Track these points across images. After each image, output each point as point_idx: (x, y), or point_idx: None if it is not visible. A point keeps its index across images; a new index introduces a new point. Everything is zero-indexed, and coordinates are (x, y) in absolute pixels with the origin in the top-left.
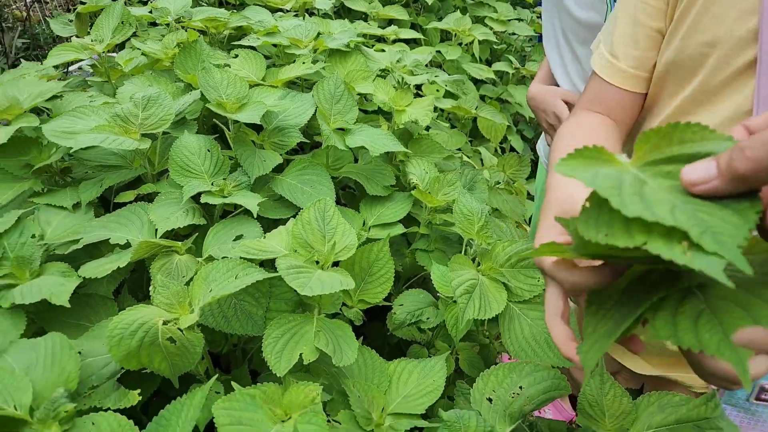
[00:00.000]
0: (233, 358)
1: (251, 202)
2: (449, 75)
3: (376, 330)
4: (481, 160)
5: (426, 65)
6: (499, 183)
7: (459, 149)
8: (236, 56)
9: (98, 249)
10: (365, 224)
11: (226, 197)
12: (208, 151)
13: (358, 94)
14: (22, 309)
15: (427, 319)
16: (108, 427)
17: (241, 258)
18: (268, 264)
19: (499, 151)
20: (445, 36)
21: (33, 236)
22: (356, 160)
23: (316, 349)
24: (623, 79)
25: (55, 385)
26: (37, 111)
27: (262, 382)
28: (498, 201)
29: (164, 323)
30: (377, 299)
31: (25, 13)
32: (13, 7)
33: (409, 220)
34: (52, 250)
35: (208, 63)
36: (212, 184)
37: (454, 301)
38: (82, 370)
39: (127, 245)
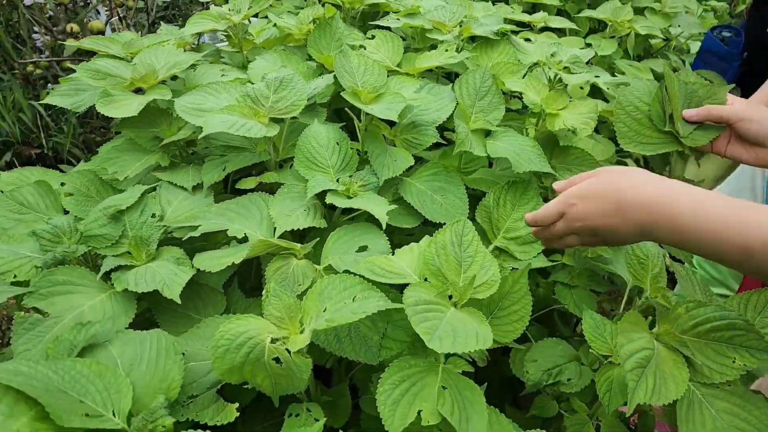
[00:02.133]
0: (335, 369)
1: (380, 210)
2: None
3: (487, 371)
4: None
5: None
6: None
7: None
8: (373, 37)
9: (213, 234)
10: (496, 236)
11: (351, 198)
12: (337, 143)
13: (503, 91)
14: (134, 293)
15: (568, 380)
16: None
17: (361, 276)
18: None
19: (641, 162)
20: (597, 26)
21: (153, 216)
22: (490, 164)
23: (438, 412)
24: None
25: (156, 392)
26: (169, 80)
27: (363, 408)
28: None
29: (272, 341)
30: (507, 339)
31: None
32: None
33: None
34: (169, 232)
35: (345, 45)
36: (338, 181)
37: (610, 362)
38: (183, 374)
39: (245, 239)
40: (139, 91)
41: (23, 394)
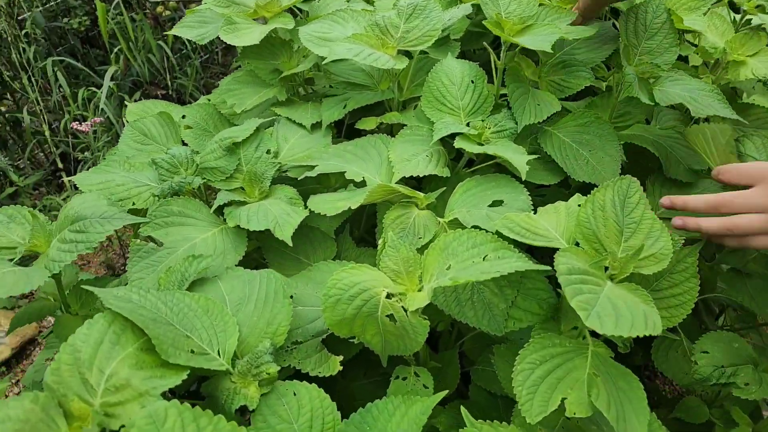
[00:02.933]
0: (444, 333)
1: (519, 159)
2: None
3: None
4: None
5: None
6: None
7: None
8: None
9: (327, 176)
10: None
11: (483, 145)
12: (472, 82)
13: (679, 30)
14: (245, 230)
15: (746, 385)
16: (309, 403)
17: (497, 233)
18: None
19: None
20: None
21: (268, 152)
22: (648, 122)
23: (589, 402)
24: None
25: (262, 335)
26: (292, 12)
27: (475, 381)
28: None
29: (388, 296)
30: (668, 323)
31: None
32: None
33: None
34: (284, 171)
35: None
36: (468, 125)
37: None
38: (290, 322)
39: (363, 183)
40: (261, 21)
41: (131, 322)
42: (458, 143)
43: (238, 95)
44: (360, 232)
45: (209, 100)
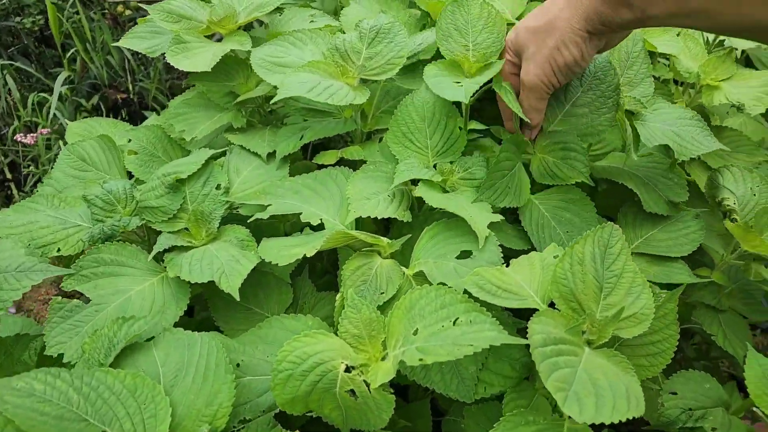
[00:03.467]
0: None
1: (480, 219)
2: None
3: None
4: None
5: None
6: None
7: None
8: None
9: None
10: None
11: (447, 192)
12: (444, 119)
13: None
14: None
15: (713, 430)
16: None
17: (466, 293)
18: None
19: None
20: None
21: (218, 187)
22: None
23: None
24: None
25: (200, 417)
26: (250, 27)
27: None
28: None
29: (347, 369)
30: (641, 376)
31: None
32: None
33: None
34: (236, 207)
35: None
36: (434, 167)
37: None
38: (236, 395)
39: (321, 227)
40: (216, 37)
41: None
42: (419, 191)
43: (188, 120)
44: (324, 264)
45: (165, 114)
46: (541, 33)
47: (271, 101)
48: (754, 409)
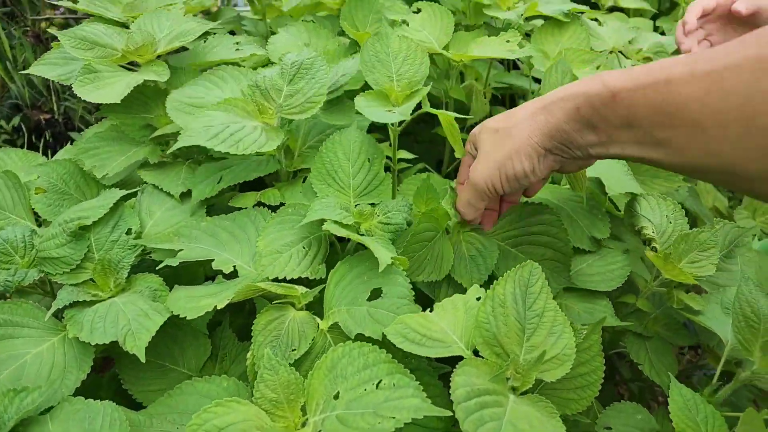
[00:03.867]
0: None
1: (383, 253)
2: None
3: None
4: None
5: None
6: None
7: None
8: (419, 11)
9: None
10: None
11: (363, 235)
12: (369, 160)
13: None
14: None
15: None
16: None
17: (391, 345)
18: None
19: None
20: (668, 6)
21: (128, 231)
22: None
23: None
24: None
25: None
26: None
27: None
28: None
29: None
30: (570, 410)
31: None
32: None
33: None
34: (148, 252)
35: (384, 24)
36: (355, 206)
37: None
38: None
39: (234, 274)
40: (134, 65)
41: None
42: (326, 226)
43: (101, 156)
44: (251, 305)
45: (77, 146)
46: (500, 136)
47: (168, 151)
48: None
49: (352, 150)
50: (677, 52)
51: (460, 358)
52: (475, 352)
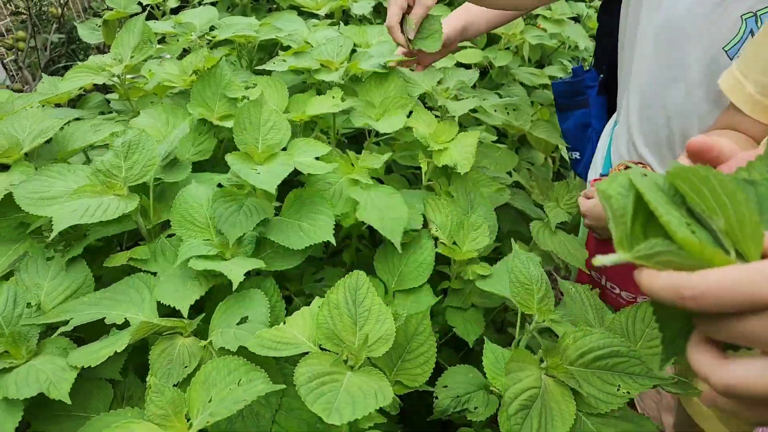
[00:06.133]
0: None
1: (237, 271)
2: (497, 82)
3: (415, 407)
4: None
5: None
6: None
7: (509, 172)
8: (254, 85)
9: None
10: (387, 291)
11: (227, 260)
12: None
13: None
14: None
15: (475, 408)
16: None
17: (251, 352)
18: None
19: (549, 161)
20: (492, 38)
21: (29, 305)
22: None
23: None
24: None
25: None
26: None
27: None
28: (554, 242)
29: None
30: (417, 382)
31: (60, 10)
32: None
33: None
34: (49, 322)
35: (255, 101)
36: (216, 242)
37: None
38: None
39: (126, 324)
40: (3, 167)
41: None
42: (194, 262)
43: None
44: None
45: None
46: None
47: (49, 238)
48: None
49: (201, 197)
50: None
51: None
52: (322, 348)
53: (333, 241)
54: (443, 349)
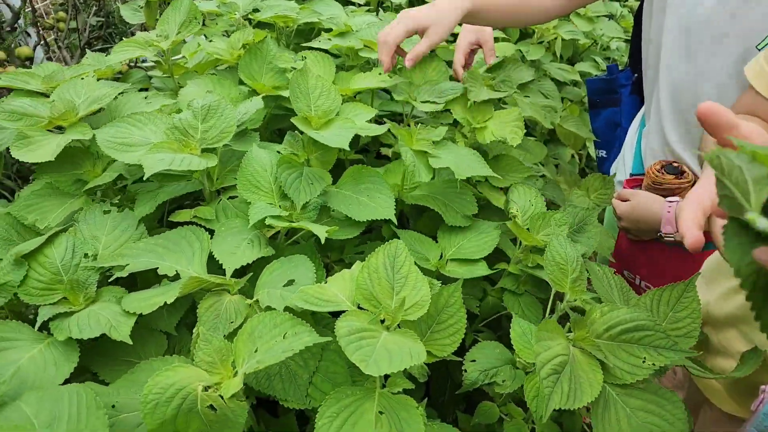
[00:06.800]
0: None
1: (319, 229)
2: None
3: (440, 381)
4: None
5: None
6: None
7: (539, 164)
8: (304, 59)
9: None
10: (443, 257)
11: (294, 222)
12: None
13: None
14: (75, 341)
15: (503, 381)
16: None
17: (297, 307)
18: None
19: (576, 158)
20: (525, 33)
21: (86, 255)
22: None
23: None
24: None
25: None
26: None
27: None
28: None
29: (204, 389)
30: (445, 352)
31: None
32: None
33: (495, 253)
34: (107, 270)
35: (303, 63)
36: (279, 206)
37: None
38: (112, 430)
39: (177, 277)
40: (60, 129)
41: None
42: (269, 221)
43: (40, 210)
44: None
45: (15, 205)
46: None
47: (145, 177)
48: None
49: (265, 162)
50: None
51: None
52: (360, 308)
53: (394, 219)
54: (483, 330)
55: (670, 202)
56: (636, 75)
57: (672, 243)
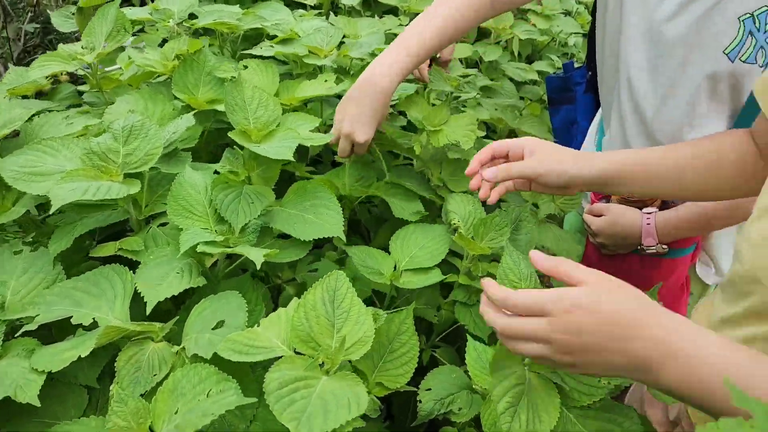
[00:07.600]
0: None
1: (256, 254)
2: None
3: (403, 405)
4: None
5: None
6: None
7: None
8: (245, 67)
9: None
10: (396, 268)
11: (231, 247)
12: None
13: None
14: None
15: (459, 410)
16: None
17: (225, 359)
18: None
19: None
20: (483, 33)
21: None
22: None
23: None
24: None
25: None
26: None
27: None
28: (548, 238)
29: None
30: (398, 383)
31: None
32: None
33: (445, 265)
34: (16, 320)
35: (236, 80)
36: (215, 231)
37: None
38: None
39: (95, 325)
40: None
41: None
42: (201, 248)
43: None
44: None
45: None
46: None
47: (51, 210)
48: None
49: (198, 184)
50: None
51: None
52: (297, 352)
53: (343, 237)
54: (440, 345)
55: (648, 213)
56: (590, 73)
57: (654, 254)
